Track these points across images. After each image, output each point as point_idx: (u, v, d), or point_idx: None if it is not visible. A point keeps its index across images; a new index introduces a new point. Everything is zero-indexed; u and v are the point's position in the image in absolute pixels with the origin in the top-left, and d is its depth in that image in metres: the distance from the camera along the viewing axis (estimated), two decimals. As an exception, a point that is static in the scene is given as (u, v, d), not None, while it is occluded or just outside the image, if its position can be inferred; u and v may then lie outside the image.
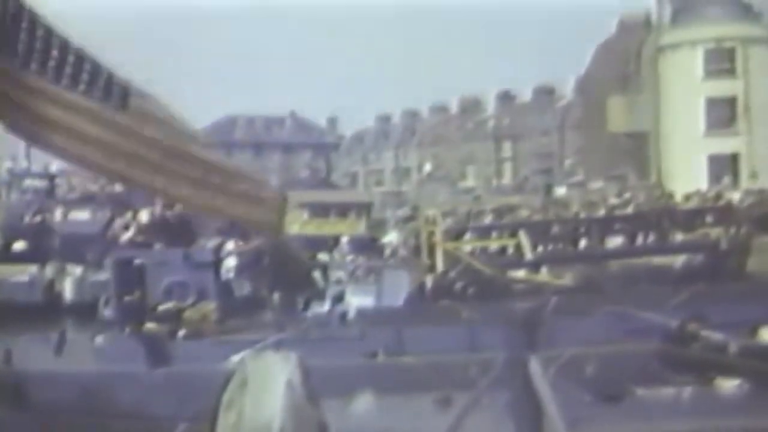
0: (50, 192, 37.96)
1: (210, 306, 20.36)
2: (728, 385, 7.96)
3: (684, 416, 7.75)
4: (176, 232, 28.38)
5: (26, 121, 7.11)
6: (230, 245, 27.35)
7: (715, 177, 49.91)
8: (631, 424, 7.61)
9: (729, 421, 7.54)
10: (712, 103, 52.37)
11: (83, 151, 7.11)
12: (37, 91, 6.97)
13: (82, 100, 7.00)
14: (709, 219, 28.84)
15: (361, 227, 37.39)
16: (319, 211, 39.08)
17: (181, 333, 14.50)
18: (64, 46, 7.01)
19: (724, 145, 52.00)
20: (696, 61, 52.57)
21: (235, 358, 8.92)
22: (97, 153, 7.07)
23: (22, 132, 7.30)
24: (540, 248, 28.26)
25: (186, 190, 7.19)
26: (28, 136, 7.33)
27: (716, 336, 9.29)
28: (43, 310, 23.97)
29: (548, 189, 54.70)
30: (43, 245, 30.43)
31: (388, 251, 30.47)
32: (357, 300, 21.65)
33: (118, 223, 31.07)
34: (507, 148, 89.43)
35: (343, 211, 39.60)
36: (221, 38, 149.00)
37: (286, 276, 24.11)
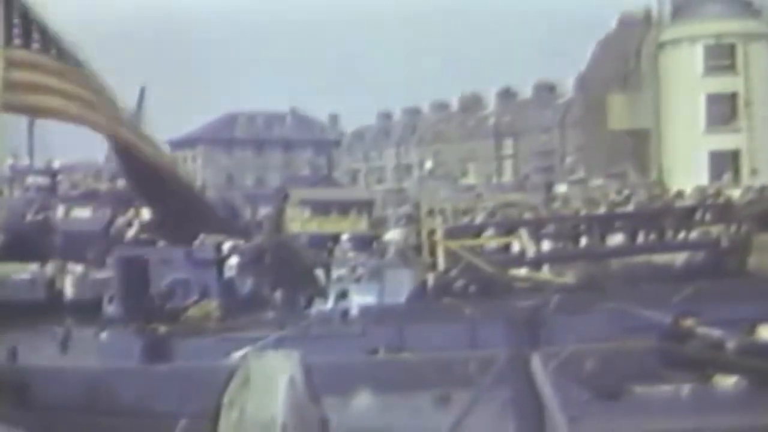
0: (52, 189, 37.97)
1: (212, 304, 20.40)
2: (726, 382, 8.02)
3: (682, 413, 7.80)
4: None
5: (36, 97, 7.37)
6: (231, 243, 27.41)
7: (715, 174, 49.91)
8: (629, 421, 7.67)
9: (727, 419, 7.60)
10: (713, 100, 52.37)
11: (51, 102, 7.46)
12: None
13: (43, 57, 7.34)
14: (709, 216, 28.86)
15: (362, 225, 37.45)
16: (321, 208, 39.13)
17: (162, 329, 14.39)
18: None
19: (725, 141, 52.01)
20: (696, 57, 52.56)
21: (237, 355, 9.00)
22: (58, 100, 7.47)
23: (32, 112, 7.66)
24: (542, 246, 28.31)
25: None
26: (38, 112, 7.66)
27: (714, 333, 9.35)
28: (45, 309, 24.01)
29: (549, 187, 54.72)
30: (45, 243, 30.48)
31: (389, 249, 30.49)
32: (359, 298, 21.71)
33: (121, 220, 31.12)
34: (508, 146, 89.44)
35: (344, 208, 39.63)
36: (222, 37, 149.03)
37: (288, 274, 24.15)
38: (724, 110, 52.51)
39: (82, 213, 33.71)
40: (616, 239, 29.02)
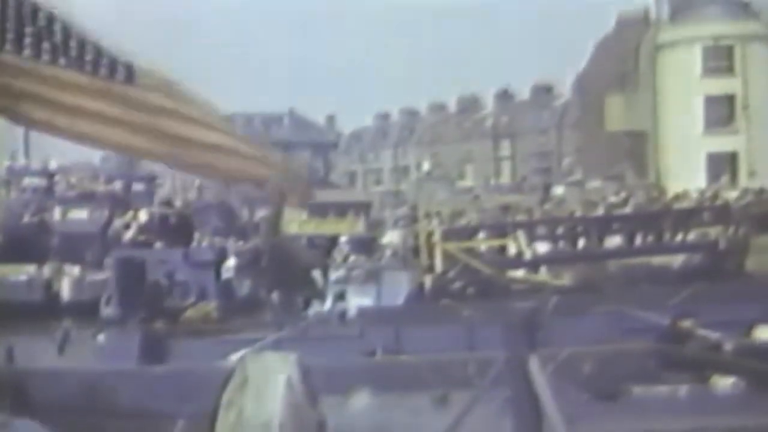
0: (49, 190, 37.91)
1: (210, 305, 20.43)
2: (724, 383, 8.02)
3: (680, 414, 7.81)
4: (176, 231, 28.43)
5: (27, 106, 7.02)
6: (227, 244, 27.43)
7: (713, 175, 49.99)
8: (627, 422, 7.68)
9: (724, 420, 7.60)
10: (711, 102, 52.47)
11: (89, 128, 7.04)
12: (34, 74, 6.92)
13: (79, 75, 6.94)
14: (707, 218, 28.88)
15: (359, 226, 37.42)
16: (318, 210, 39.08)
17: (159, 326, 14.39)
18: (52, 23, 7.02)
19: (723, 143, 52.10)
20: (694, 59, 52.65)
21: (235, 357, 8.99)
22: (98, 126, 7.02)
23: (23, 121, 7.23)
24: (539, 248, 28.29)
25: (202, 156, 7.23)
26: (29, 123, 7.25)
27: (712, 335, 9.37)
28: (43, 310, 24.00)
29: (547, 188, 54.75)
30: (42, 244, 30.45)
31: (387, 252, 30.49)
32: (357, 300, 21.72)
33: (119, 222, 31.10)
34: (505, 147, 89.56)
35: (341, 210, 39.58)
36: (219, 37, 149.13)
37: (286, 275, 24.13)
38: (722, 112, 52.61)
39: (79, 214, 33.64)
40: (614, 241, 29.02)
